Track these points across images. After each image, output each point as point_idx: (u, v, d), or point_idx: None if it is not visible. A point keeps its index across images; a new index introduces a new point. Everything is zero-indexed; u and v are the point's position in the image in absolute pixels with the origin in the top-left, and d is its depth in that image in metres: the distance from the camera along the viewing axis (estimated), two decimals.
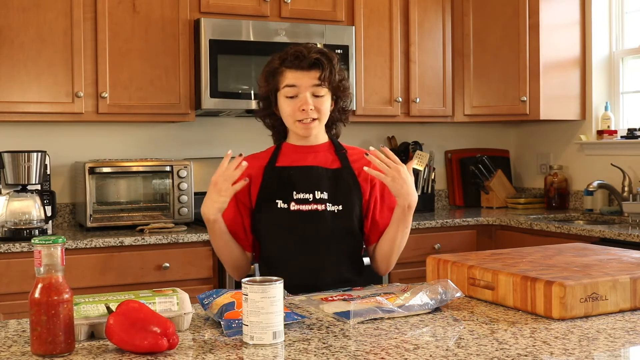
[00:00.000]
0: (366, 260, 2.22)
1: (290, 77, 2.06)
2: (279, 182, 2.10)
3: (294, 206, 2.07)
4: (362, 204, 2.13)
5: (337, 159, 2.15)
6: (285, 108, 2.09)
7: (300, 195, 2.08)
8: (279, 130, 2.20)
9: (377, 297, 1.75)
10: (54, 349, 1.37)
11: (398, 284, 2.04)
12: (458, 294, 1.75)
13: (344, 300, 1.80)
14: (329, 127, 2.20)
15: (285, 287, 1.94)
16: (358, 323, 1.61)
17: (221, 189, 1.98)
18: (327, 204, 2.08)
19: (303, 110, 2.05)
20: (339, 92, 2.13)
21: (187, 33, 3.59)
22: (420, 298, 1.72)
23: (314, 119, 2.08)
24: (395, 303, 1.71)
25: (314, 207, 2.07)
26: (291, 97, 2.07)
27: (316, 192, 2.08)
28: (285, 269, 1.99)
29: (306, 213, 2.07)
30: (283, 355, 1.39)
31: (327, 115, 2.12)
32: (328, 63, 2.07)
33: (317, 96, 2.07)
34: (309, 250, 2.07)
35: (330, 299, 1.83)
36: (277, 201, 2.08)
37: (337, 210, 2.09)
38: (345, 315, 1.64)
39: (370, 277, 2.17)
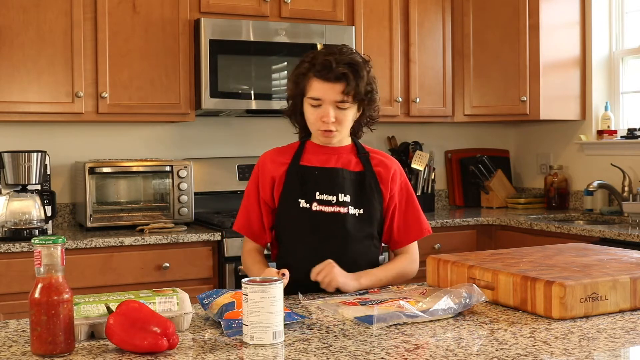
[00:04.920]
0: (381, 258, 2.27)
1: (316, 87, 2.05)
2: (302, 182, 2.11)
3: (316, 206, 2.08)
4: (382, 208, 2.15)
5: (359, 162, 2.16)
6: (309, 116, 2.10)
7: (324, 197, 2.09)
8: (305, 128, 2.20)
9: (399, 301, 1.70)
10: (54, 349, 1.37)
11: (413, 285, 2.02)
12: (483, 298, 1.70)
13: (363, 304, 1.75)
14: (353, 130, 2.20)
15: (301, 286, 1.95)
16: (380, 329, 1.56)
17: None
18: (350, 207, 2.10)
19: (324, 121, 2.06)
20: (365, 104, 2.12)
21: (187, 33, 3.58)
22: (445, 302, 1.67)
23: (333, 130, 2.08)
24: (418, 307, 1.66)
25: (337, 209, 2.09)
26: (315, 107, 2.07)
27: (339, 194, 2.09)
28: (302, 267, 2.01)
29: (328, 214, 2.08)
30: (283, 355, 1.39)
31: (348, 126, 2.12)
32: (354, 77, 2.04)
33: (340, 108, 2.06)
34: (328, 251, 2.08)
35: (348, 302, 1.78)
36: (299, 200, 2.09)
37: (359, 214, 2.11)
38: (368, 320, 1.59)
39: None
